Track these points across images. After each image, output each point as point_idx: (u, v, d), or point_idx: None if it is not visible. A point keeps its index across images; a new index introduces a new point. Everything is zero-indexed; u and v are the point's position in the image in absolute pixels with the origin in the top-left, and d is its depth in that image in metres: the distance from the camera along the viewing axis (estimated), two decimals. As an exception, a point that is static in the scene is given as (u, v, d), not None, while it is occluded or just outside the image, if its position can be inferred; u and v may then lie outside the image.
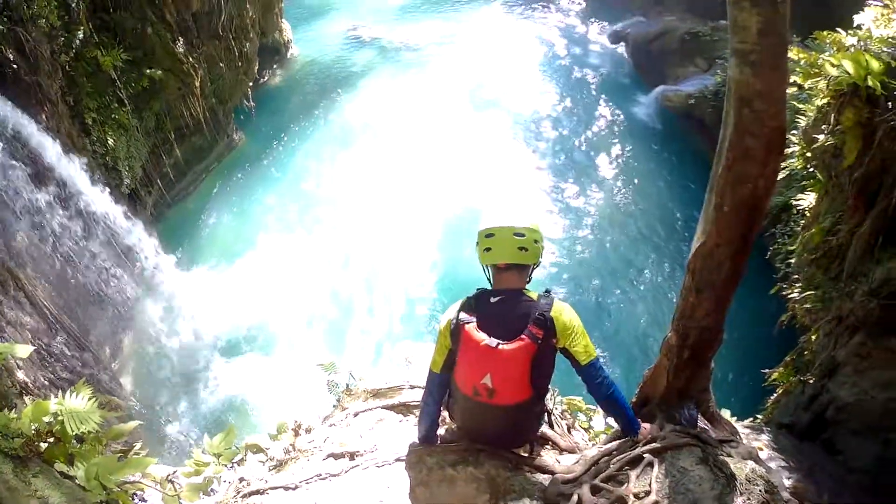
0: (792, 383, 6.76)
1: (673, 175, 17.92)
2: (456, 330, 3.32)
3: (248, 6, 17.76)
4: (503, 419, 3.46)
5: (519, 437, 3.74)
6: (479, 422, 3.57)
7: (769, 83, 3.04)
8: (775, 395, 7.26)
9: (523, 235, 3.32)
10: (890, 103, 4.78)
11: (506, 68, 23.34)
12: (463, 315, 3.32)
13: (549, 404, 3.67)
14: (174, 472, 4.08)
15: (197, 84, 15.34)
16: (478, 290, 3.45)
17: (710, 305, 3.60)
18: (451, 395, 3.61)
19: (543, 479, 3.48)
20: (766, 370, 7.37)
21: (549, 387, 3.53)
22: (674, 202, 16.87)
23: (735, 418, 6.09)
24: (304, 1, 28.24)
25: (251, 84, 19.26)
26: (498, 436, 3.66)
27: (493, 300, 3.34)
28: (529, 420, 3.60)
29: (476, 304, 3.36)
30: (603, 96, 21.88)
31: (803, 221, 6.94)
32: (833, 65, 5.02)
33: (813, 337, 6.50)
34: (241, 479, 3.94)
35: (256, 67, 19.59)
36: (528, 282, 3.48)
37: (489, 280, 3.49)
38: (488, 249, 3.36)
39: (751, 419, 7.30)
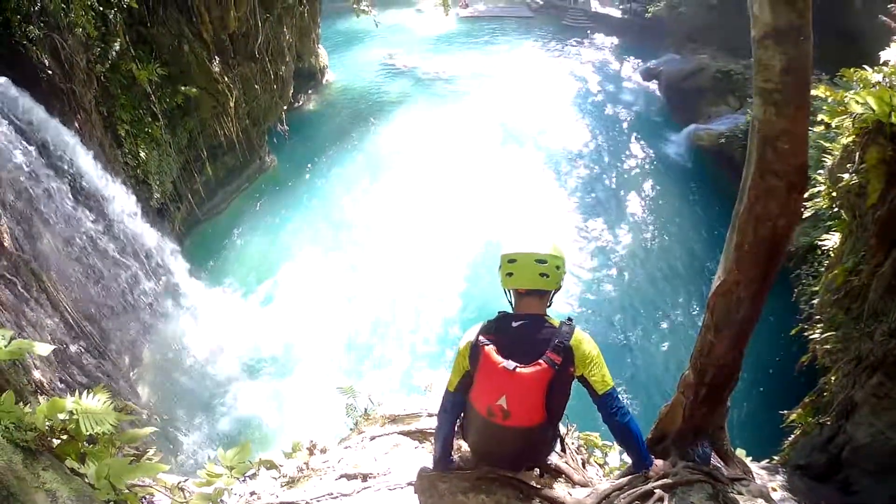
0: (810, 424, 6.67)
1: (702, 213, 17.91)
2: (475, 352, 3.32)
3: (285, 29, 18.04)
4: (516, 441, 3.44)
5: (531, 458, 3.75)
6: (493, 442, 3.56)
7: (792, 122, 3.04)
8: (793, 436, 7.17)
9: (545, 262, 3.33)
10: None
11: (539, 103, 23.56)
12: (482, 338, 3.31)
13: (563, 430, 3.65)
14: (185, 479, 4.11)
15: (231, 104, 15.56)
16: (499, 313, 3.45)
17: (729, 344, 3.57)
18: (465, 416, 3.61)
19: (555, 510, 3.46)
20: (785, 411, 7.29)
21: (566, 414, 3.53)
22: (701, 240, 16.83)
23: (750, 458, 6.01)
24: (341, 27, 28.68)
25: (285, 107, 19.52)
26: (510, 456, 3.65)
27: (514, 324, 3.35)
28: (542, 443, 3.60)
29: (497, 327, 3.36)
30: (635, 133, 21.99)
31: (827, 262, 6.88)
32: (858, 102, 5.00)
33: (832, 378, 6.42)
34: (253, 493, 3.95)
35: (291, 91, 19.87)
36: (549, 305, 3.48)
37: (510, 303, 3.50)
38: (510, 274, 3.38)
39: (767, 460, 7.21)
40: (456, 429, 3.71)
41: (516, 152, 20.87)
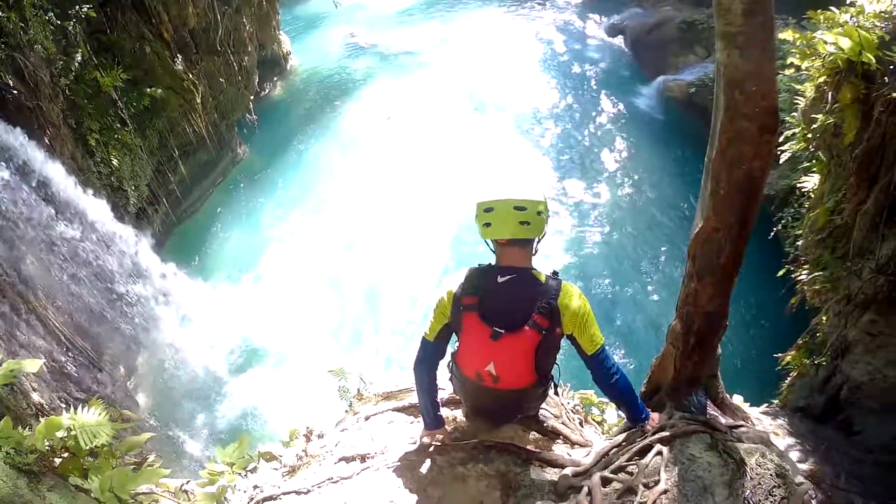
0: (805, 366, 6.73)
1: (678, 163, 17.92)
2: (457, 310, 3.24)
3: (244, 20, 17.83)
4: (507, 400, 3.45)
5: (523, 412, 3.78)
6: (484, 402, 3.59)
7: (758, 64, 3.03)
8: (789, 378, 7.22)
9: (524, 209, 3.11)
10: (886, 77, 4.75)
11: (505, 68, 23.37)
12: (466, 299, 3.21)
13: (556, 378, 3.60)
14: (187, 482, 4.11)
15: (198, 100, 15.40)
16: (479, 265, 3.34)
17: (713, 290, 3.58)
18: (454, 376, 3.59)
19: (554, 472, 3.47)
20: (779, 354, 7.34)
21: (557, 368, 3.49)
22: (680, 190, 16.85)
23: (749, 404, 6.05)
24: (301, 12, 28.36)
25: (253, 97, 19.33)
26: (502, 411, 3.70)
27: (499, 279, 3.20)
28: (534, 399, 3.60)
29: (480, 283, 3.23)
30: (604, 90, 21.88)
31: (808, 203, 6.90)
32: (827, 42, 4.99)
33: (824, 318, 6.47)
34: (255, 487, 3.96)
35: (257, 80, 19.67)
36: (535, 253, 3.31)
37: (492, 251, 3.35)
38: (488, 224, 3.20)
39: (766, 405, 7.26)
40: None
41: (487, 118, 20.73)
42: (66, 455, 3.28)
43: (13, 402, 6.58)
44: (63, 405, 8.13)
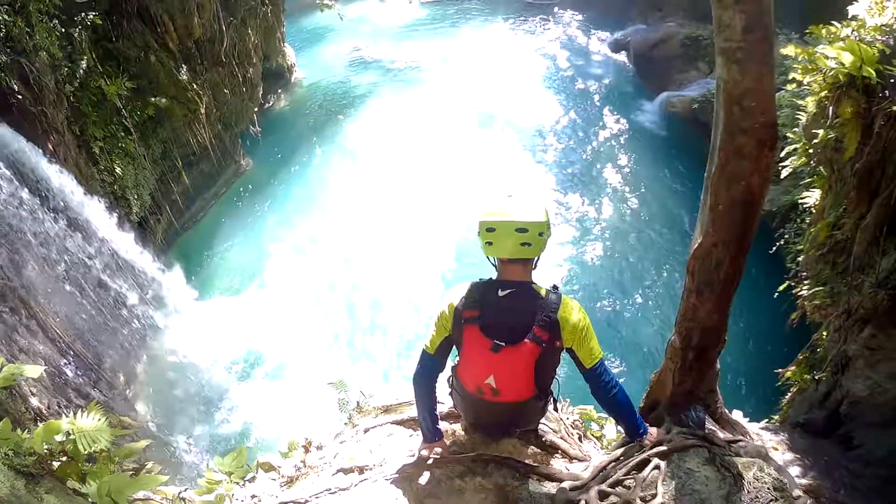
0: (805, 381, 6.71)
1: (680, 180, 17.94)
2: (458, 323, 3.27)
3: (249, 31, 17.89)
4: (507, 414, 3.48)
5: (523, 425, 3.80)
6: (484, 416, 3.61)
7: (757, 79, 3.04)
8: (790, 394, 7.21)
9: (526, 231, 3.15)
10: (886, 91, 4.76)
11: (509, 83, 23.42)
12: (467, 312, 3.24)
13: (555, 392, 3.62)
14: (185, 489, 4.10)
15: (202, 111, 15.44)
16: (481, 279, 3.36)
17: (712, 306, 3.58)
18: (454, 389, 3.61)
19: (551, 487, 3.47)
20: (779, 370, 7.32)
21: (557, 381, 3.51)
22: (682, 207, 16.86)
23: (748, 419, 6.03)
24: (306, 25, 28.47)
25: (256, 109, 19.38)
26: (502, 425, 3.72)
27: (500, 293, 3.24)
28: (534, 412, 3.62)
29: (481, 297, 3.26)
30: (607, 106, 21.93)
31: (809, 218, 6.90)
32: (827, 57, 5.00)
33: (824, 333, 6.46)
34: (254, 496, 3.95)
35: (261, 92, 19.71)
36: (535, 268, 3.36)
37: (494, 266, 3.39)
38: (490, 244, 3.24)
39: (766, 420, 7.24)
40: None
41: (489, 135, 20.78)
42: (64, 459, 3.29)
43: (11, 406, 6.58)
44: (62, 411, 8.12)
